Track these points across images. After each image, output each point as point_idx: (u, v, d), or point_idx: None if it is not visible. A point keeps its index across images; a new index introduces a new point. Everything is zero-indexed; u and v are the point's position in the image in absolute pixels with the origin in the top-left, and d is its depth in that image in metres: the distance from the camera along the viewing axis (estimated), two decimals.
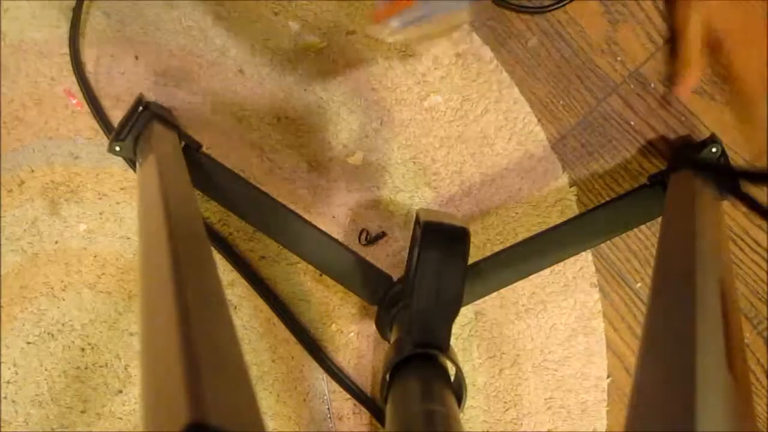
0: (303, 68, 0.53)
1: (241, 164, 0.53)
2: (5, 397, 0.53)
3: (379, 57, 0.53)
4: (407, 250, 0.53)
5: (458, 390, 0.39)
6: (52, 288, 0.53)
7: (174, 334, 0.22)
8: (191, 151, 0.48)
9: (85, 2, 0.52)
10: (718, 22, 0.43)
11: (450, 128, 0.53)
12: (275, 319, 0.53)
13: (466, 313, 0.53)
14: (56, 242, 0.53)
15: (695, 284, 0.30)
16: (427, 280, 0.39)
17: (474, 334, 0.53)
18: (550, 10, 0.52)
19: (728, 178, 0.42)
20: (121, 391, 0.53)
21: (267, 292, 0.52)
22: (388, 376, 0.39)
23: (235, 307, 0.53)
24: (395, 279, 0.50)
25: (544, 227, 0.51)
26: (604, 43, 0.53)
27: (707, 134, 0.52)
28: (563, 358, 0.53)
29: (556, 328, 0.53)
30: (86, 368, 0.53)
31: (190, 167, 0.42)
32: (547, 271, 0.53)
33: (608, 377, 0.53)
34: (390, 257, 0.53)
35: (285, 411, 0.53)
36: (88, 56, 0.53)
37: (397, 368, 0.39)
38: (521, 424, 0.53)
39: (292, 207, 0.49)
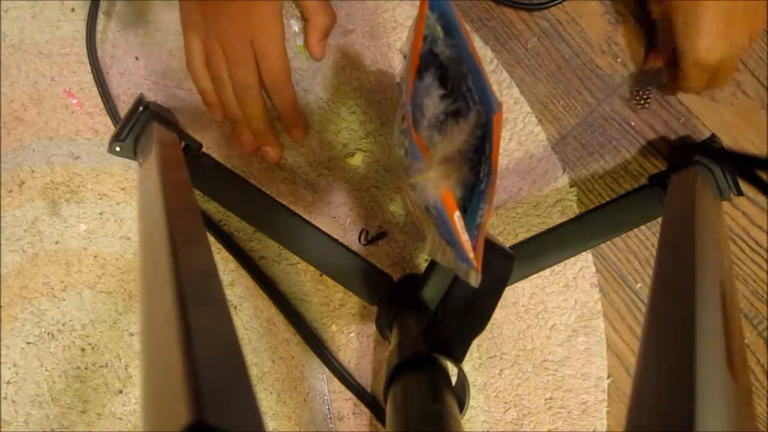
0: (303, 68, 0.53)
1: (242, 164, 0.53)
2: (5, 397, 0.53)
3: (379, 57, 0.53)
4: (407, 250, 0.53)
5: (461, 393, 0.39)
6: (52, 288, 0.53)
7: (174, 335, 0.22)
8: (191, 151, 0.49)
9: (87, 2, 0.52)
10: None
11: None
12: (275, 320, 0.53)
13: None
14: (56, 242, 0.53)
15: (695, 284, 0.30)
16: (461, 292, 0.38)
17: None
18: (548, 7, 0.52)
19: (744, 166, 0.41)
20: (121, 392, 0.53)
21: (270, 287, 0.52)
22: (390, 377, 0.39)
23: (235, 308, 0.53)
24: (395, 279, 0.50)
25: (544, 227, 0.51)
26: (604, 43, 0.53)
27: (707, 134, 0.52)
28: (563, 358, 0.53)
29: (556, 328, 0.53)
30: (86, 368, 0.53)
31: (190, 167, 0.42)
32: (547, 271, 0.53)
33: (608, 377, 0.53)
34: (390, 257, 0.53)
35: (285, 411, 0.53)
36: None
37: (399, 368, 0.39)
38: (521, 424, 0.53)
39: (292, 207, 0.49)
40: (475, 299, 0.38)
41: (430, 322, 0.40)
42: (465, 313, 0.38)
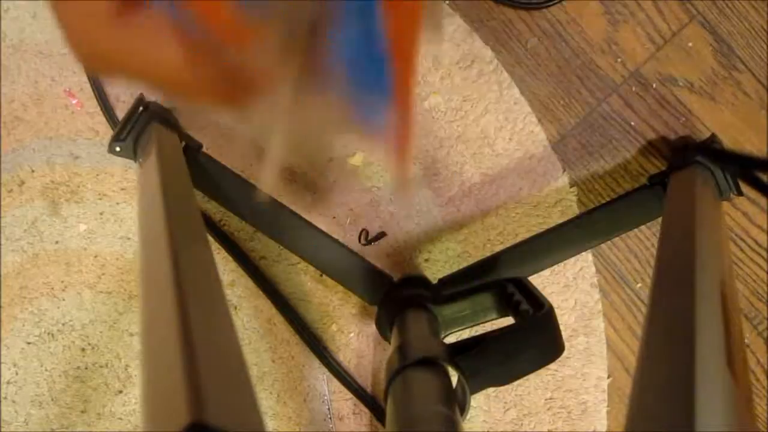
0: None
1: (241, 164, 0.53)
2: (5, 397, 0.53)
3: None
4: (407, 250, 0.53)
5: (461, 395, 0.39)
6: (52, 288, 0.53)
7: (174, 334, 0.22)
8: (191, 151, 0.48)
9: None
10: None
11: (450, 128, 0.53)
12: (275, 320, 0.53)
13: None
14: (56, 242, 0.53)
15: (695, 284, 0.30)
16: (503, 347, 0.39)
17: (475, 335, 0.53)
18: (548, 7, 0.52)
19: (744, 167, 0.41)
20: (121, 392, 0.53)
21: (270, 289, 0.52)
22: (391, 377, 0.39)
23: (235, 308, 0.53)
24: (395, 279, 0.50)
25: (544, 227, 0.51)
26: (604, 43, 0.53)
27: (707, 134, 0.52)
28: (563, 358, 0.53)
29: None
30: (86, 368, 0.53)
31: (190, 167, 0.42)
32: (547, 271, 0.53)
33: (608, 377, 0.53)
34: (390, 257, 0.53)
35: (285, 411, 0.53)
36: None
37: (400, 369, 0.39)
38: (521, 424, 0.53)
39: (292, 207, 0.49)
40: (512, 358, 0.39)
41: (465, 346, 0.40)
42: (496, 363, 0.39)
